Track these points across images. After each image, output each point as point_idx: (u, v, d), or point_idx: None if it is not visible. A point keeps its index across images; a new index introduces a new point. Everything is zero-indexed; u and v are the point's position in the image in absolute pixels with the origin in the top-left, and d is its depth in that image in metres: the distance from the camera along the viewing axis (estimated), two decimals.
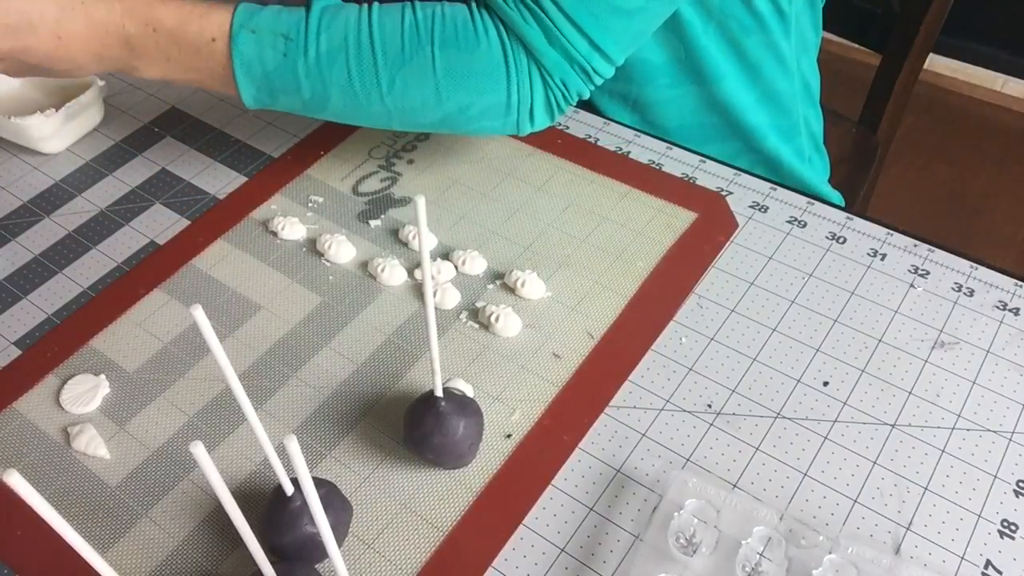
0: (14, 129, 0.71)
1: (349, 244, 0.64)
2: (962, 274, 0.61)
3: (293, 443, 0.32)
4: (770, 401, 0.54)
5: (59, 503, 0.51)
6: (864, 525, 0.48)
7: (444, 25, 0.57)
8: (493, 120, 0.60)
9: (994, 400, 0.53)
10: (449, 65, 0.57)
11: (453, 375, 0.56)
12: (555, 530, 0.49)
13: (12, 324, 0.61)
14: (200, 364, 0.57)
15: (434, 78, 0.58)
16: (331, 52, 0.57)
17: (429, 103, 0.59)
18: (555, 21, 0.56)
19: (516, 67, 0.58)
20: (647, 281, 0.61)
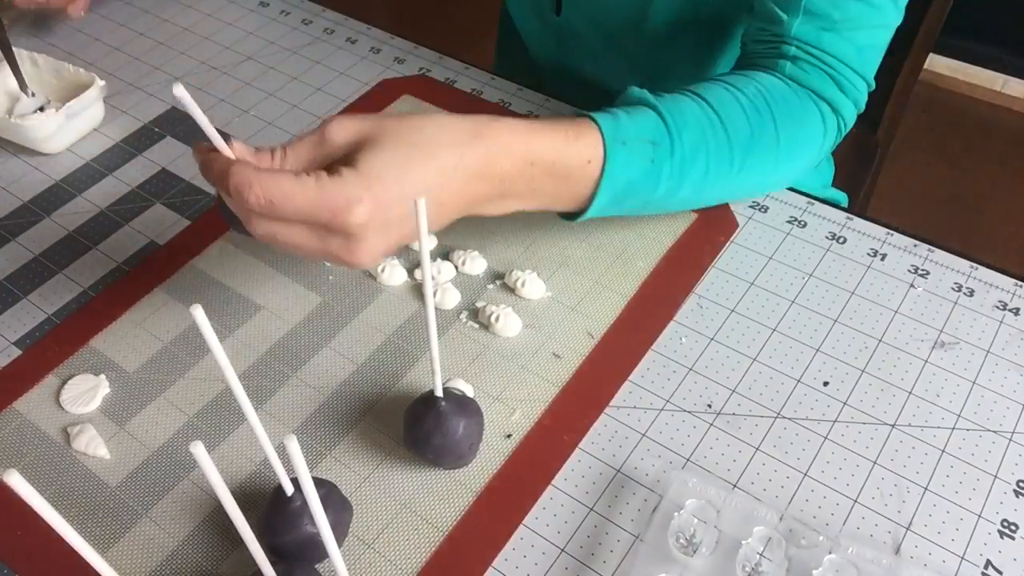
0: (14, 129, 0.71)
1: None
2: (962, 274, 0.61)
3: (293, 443, 0.32)
4: (770, 401, 0.54)
5: (59, 503, 0.51)
6: (864, 525, 0.48)
7: (777, 101, 0.60)
8: (800, 174, 0.65)
9: (994, 400, 0.53)
10: (789, 137, 0.61)
11: (453, 375, 0.56)
12: (555, 530, 0.49)
13: (12, 324, 0.61)
14: (200, 364, 0.57)
15: (776, 151, 0.61)
16: (694, 148, 0.57)
17: (766, 174, 0.62)
18: (845, 76, 0.62)
19: (827, 126, 0.63)
20: (647, 281, 0.61)
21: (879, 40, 0.63)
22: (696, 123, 0.57)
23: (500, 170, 0.51)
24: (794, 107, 0.61)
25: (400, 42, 0.84)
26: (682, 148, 0.56)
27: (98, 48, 0.86)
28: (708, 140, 0.57)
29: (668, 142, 0.56)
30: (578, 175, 0.54)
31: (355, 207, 0.44)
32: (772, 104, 0.60)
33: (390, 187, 0.45)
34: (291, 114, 0.77)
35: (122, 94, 0.80)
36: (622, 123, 0.55)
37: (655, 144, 0.56)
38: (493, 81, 0.79)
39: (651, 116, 0.57)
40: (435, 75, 0.80)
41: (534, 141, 0.52)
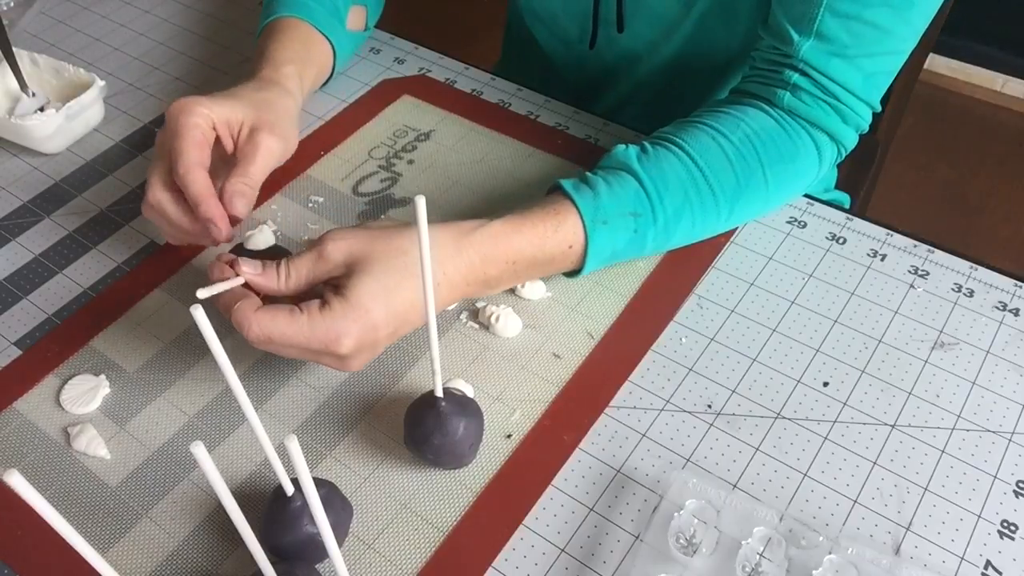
0: (14, 129, 0.71)
1: None
2: (962, 274, 0.61)
3: (293, 443, 0.32)
4: (770, 401, 0.54)
5: (59, 503, 0.51)
6: (864, 525, 0.48)
7: (764, 144, 0.60)
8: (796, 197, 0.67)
9: (994, 400, 0.53)
10: (778, 178, 0.61)
11: (453, 375, 0.56)
12: (555, 530, 0.49)
13: (12, 324, 0.61)
14: (200, 364, 0.57)
15: (765, 192, 0.61)
16: (677, 211, 0.58)
17: (756, 210, 0.63)
18: (849, 104, 0.61)
19: (822, 156, 0.63)
20: (647, 281, 0.61)
21: (890, 66, 0.62)
22: (679, 185, 0.58)
23: (484, 275, 0.55)
24: (783, 146, 0.61)
25: (400, 42, 0.84)
26: (665, 213, 0.58)
27: (98, 48, 0.86)
28: (691, 200, 0.58)
29: (650, 210, 0.58)
30: (561, 258, 0.57)
31: (343, 339, 0.48)
32: (759, 147, 0.60)
33: (376, 313, 0.49)
34: None
35: (122, 94, 0.80)
36: (602, 201, 0.57)
37: (636, 216, 0.57)
38: (493, 81, 0.79)
39: (631, 186, 0.58)
40: (435, 75, 0.80)
41: (514, 242, 0.55)
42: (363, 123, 0.75)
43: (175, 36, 0.87)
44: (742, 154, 0.59)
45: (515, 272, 0.56)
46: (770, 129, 0.61)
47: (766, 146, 0.60)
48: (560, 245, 0.56)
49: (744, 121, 0.61)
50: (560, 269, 0.59)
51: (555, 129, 0.73)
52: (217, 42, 0.86)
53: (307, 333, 0.48)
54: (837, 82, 0.60)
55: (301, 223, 0.67)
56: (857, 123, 0.63)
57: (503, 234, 0.55)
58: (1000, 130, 2.01)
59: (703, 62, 0.76)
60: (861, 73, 0.60)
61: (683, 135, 0.60)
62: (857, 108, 0.61)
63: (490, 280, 0.56)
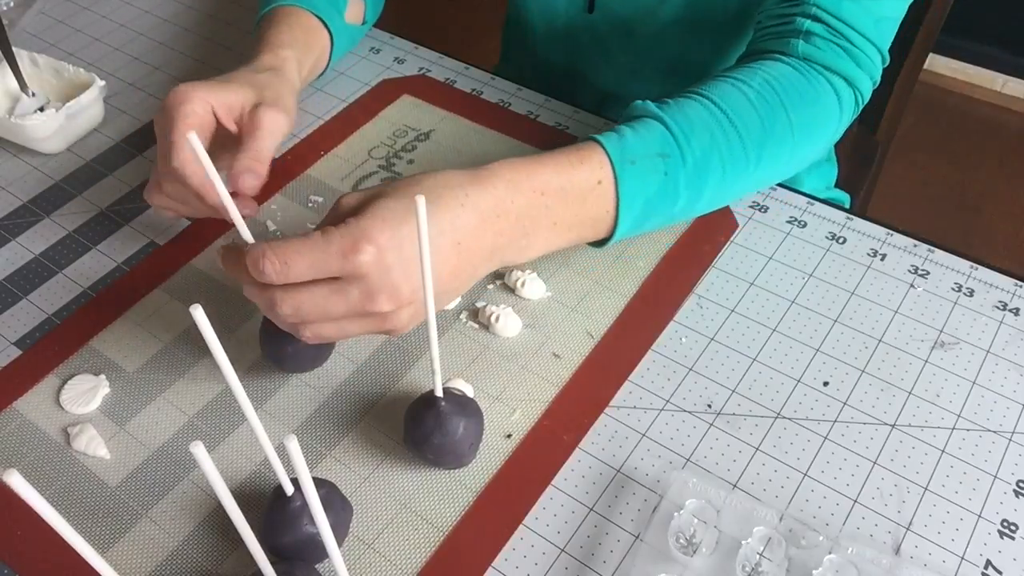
0: (14, 129, 0.71)
1: None
2: (962, 274, 0.61)
3: (293, 443, 0.32)
4: (770, 401, 0.54)
5: (59, 503, 0.51)
6: (864, 525, 0.48)
7: (785, 87, 0.60)
8: (819, 153, 0.65)
9: (994, 400, 0.53)
10: (802, 121, 0.60)
11: (453, 375, 0.56)
12: (555, 530, 0.49)
13: (12, 324, 0.61)
14: (200, 364, 0.57)
15: (792, 138, 0.60)
16: (705, 153, 0.56)
17: (783, 162, 0.61)
18: (862, 48, 0.61)
19: (842, 101, 0.62)
20: (647, 281, 0.61)
21: (896, 11, 0.63)
22: (704, 126, 0.57)
23: (513, 206, 0.51)
24: (804, 89, 0.60)
25: (400, 42, 0.84)
26: (693, 155, 0.56)
27: (98, 48, 0.86)
28: (719, 141, 0.57)
29: (678, 151, 0.56)
30: (593, 198, 0.54)
31: (361, 245, 0.44)
32: (780, 91, 0.59)
33: (398, 226, 0.46)
34: None
35: (122, 94, 0.80)
36: (627, 142, 0.55)
37: (665, 157, 0.55)
38: (493, 81, 0.79)
39: (656, 128, 0.56)
40: (435, 75, 0.80)
41: (538, 172, 0.52)
42: (363, 123, 0.75)
43: (175, 36, 0.87)
44: (764, 97, 0.58)
45: (547, 207, 0.52)
46: (788, 74, 0.61)
47: (786, 90, 0.59)
48: (588, 180, 0.53)
49: (762, 68, 0.61)
50: (593, 218, 0.55)
51: (555, 129, 0.73)
52: (217, 42, 0.86)
53: (322, 245, 0.44)
54: (849, 24, 0.60)
55: (301, 223, 0.67)
56: (870, 70, 0.63)
57: (524, 163, 0.52)
58: (1000, 130, 2.01)
59: (703, 25, 0.76)
60: (871, 16, 0.61)
61: (702, 86, 0.59)
62: (869, 53, 0.62)
63: (522, 214, 0.51)
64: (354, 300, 0.46)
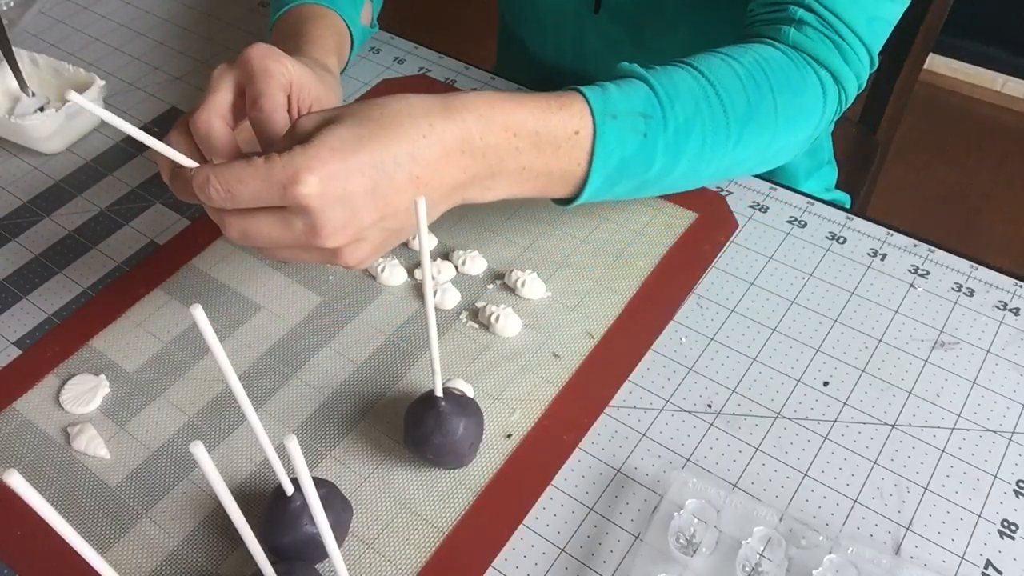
0: (14, 129, 0.71)
1: None
2: (962, 274, 0.61)
3: (293, 443, 0.32)
4: (770, 401, 0.54)
5: (59, 503, 0.51)
6: (864, 525, 0.48)
7: (774, 70, 0.58)
8: (797, 149, 0.63)
9: (994, 400, 0.53)
10: (787, 108, 0.59)
11: (453, 375, 0.56)
12: (555, 530, 0.49)
13: (12, 324, 0.61)
14: (200, 364, 0.57)
15: (775, 123, 0.59)
16: (688, 120, 0.55)
17: (762, 148, 0.60)
18: (851, 44, 0.60)
19: (827, 96, 0.61)
20: (647, 281, 0.61)
21: (889, 15, 0.62)
22: (690, 94, 0.55)
23: (481, 143, 0.48)
24: (792, 77, 0.59)
25: (400, 42, 0.84)
26: (675, 120, 0.54)
27: (98, 48, 0.86)
28: (703, 111, 0.55)
29: (660, 114, 0.54)
30: (567, 147, 0.51)
31: (303, 176, 0.42)
32: (770, 74, 0.58)
33: (346, 157, 0.43)
34: None
35: (122, 94, 0.80)
36: (611, 96, 0.53)
37: (647, 117, 0.53)
38: (493, 81, 0.79)
39: (641, 88, 0.54)
40: (435, 75, 0.80)
41: (514, 110, 0.50)
42: None
43: (175, 36, 0.87)
44: (753, 76, 0.57)
45: (517, 150, 0.49)
46: (779, 59, 0.60)
47: (776, 73, 0.58)
48: (564, 128, 0.51)
49: (753, 51, 0.59)
50: (563, 170, 0.52)
51: None
52: (217, 42, 0.86)
53: (263, 174, 0.42)
54: (842, 19, 0.60)
55: None
56: (858, 68, 0.62)
57: (501, 100, 0.49)
58: (1000, 130, 2.01)
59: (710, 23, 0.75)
60: (864, 13, 0.60)
61: (690, 59, 0.58)
62: (858, 51, 0.61)
63: (488, 152, 0.48)
64: (299, 232, 0.44)
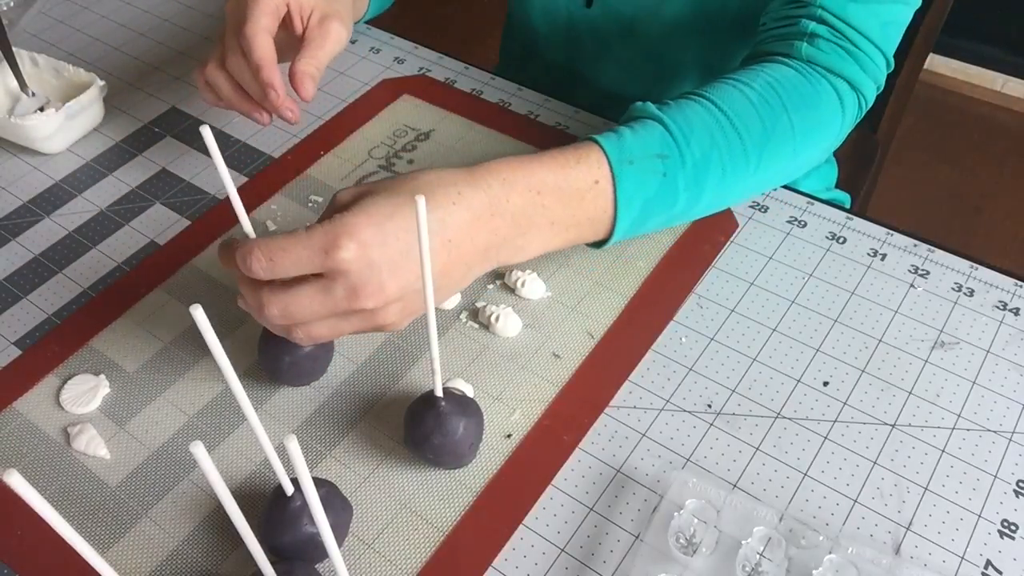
0: (14, 129, 0.71)
1: None
2: (962, 274, 0.61)
3: (293, 443, 0.32)
4: (770, 401, 0.54)
5: (59, 503, 0.51)
6: (864, 525, 0.48)
7: (787, 90, 0.60)
8: (822, 157, 0.65)
9: (994, 400, 0.53)
10: (803, 124, 0.60)
11: (453, 375, 0.56)
12: (555, 530, 0.49)
13: (12, 324, 0.61)
14: (200, 364, 0.57)
15: (792, 141, 0.60)
16: (705, 154, 0.56)
17: (784, 164, 0.61)
18: (866, 51, 0.62)
19: (845, 105, 0.62)
20: (647, 281, 0.61)
21: (901, 17, 0.63)
22: (703, 127, 0.57)
23: (508, 205, 0.50)
24: (806, 92, 0.60)
25: (400, 42, 0.84)
26: (693, 156, 0.56)
27: (98, 48, 0.86)
28: (719, 142, 0.57)
29: (677, 152, 0.56)
30: (590, 197, 0.53)
31: (342, 241, 0.44)
32: (783, 93, 0.59)
33: (382, 223, 0.45)
34: None
35: (122, 94, 0.80)
36: (626, 142, 0.55)
37: (664, 158, 0.55)
38: (493, 81, 0.79)
39: (656, 129, 0.56)
40: (435, 75, 0.80)
41: (535, 171, 0.52)
42: (363, 123, 0.75)
43: (175, 36, 0.87)
44: (766, 99, 0.58)
45: (543, 207, 0.52)
46: (791, 77, 0.60)
47: (789, 92, 0.59)
48: (585, 179, 0.53)
49: (764, 71, 0.60)
50: (590, 218, 0.54)
51: (555, 129, 0.73)
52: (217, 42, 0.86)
53: (305, 241, 0.44)
54: (855, 28, 0.60)
55: (301, 223, 0.67)
56: (874, 74, 0.63)
57: (520, 161, 0.52)
58: (1000, 130, 2.01)
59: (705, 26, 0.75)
60: (877, 20, 0.61)
61: (703, 88, 0.59)
62: (874, 57, 0.62)
63: (517, 213, 0.51)
64: (339, 298, 0.45)
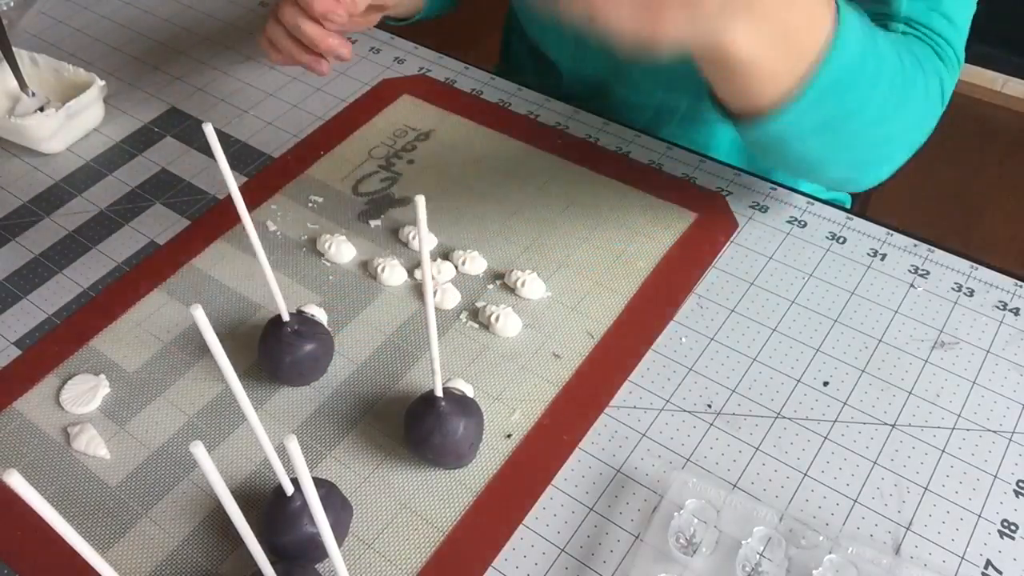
0: (14, 129, 0.71)
1: (349, 244, 0.64)
2: (962, 274, 0.61)
3: (293, 443, 0.32)
4: (770, 401, 0.54)
5: (59, 503, 0.51)
6: (864, 525, 0.48)
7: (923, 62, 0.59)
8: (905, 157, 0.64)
9: (994, 400, 0.53)
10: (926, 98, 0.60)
11: (453, 375, 0.56)
12: (555, 530, 0.49)
13: (12, 324, 0.61)
14: (200, 364, 0.57)
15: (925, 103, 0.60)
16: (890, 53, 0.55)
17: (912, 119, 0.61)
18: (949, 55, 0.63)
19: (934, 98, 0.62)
20: (647, 281, 0.61)
21: (967, 19, 0.64)
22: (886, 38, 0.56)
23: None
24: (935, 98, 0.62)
25: (400, 42, 0.84)
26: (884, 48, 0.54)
27: (98, 48, 0.86)
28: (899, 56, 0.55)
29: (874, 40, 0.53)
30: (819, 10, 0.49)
31: None
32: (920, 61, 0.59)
33: None
34: (291, 114, 0.77)
35: (122, 94, 0.80)
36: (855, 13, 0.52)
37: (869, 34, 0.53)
38: (493, 81, 0.79)
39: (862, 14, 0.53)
40: (435, 75, 0.80)
41: None
42: (363, 123, 0.75)
43: (175, 36, 0.87)
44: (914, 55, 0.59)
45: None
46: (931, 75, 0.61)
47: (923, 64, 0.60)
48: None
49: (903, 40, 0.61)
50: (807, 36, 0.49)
51: (555, 128, 0.73)
52: (217, 42, 0.86)
53: None
54: (938, 33, 0.62)
55: (301, 223, 0.67)
56: (955, 73, 0.64)
57: None
58: (1000, 130, 2.01)
59: None
60: (954, 25, 0.62)
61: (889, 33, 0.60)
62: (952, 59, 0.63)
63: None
64: None
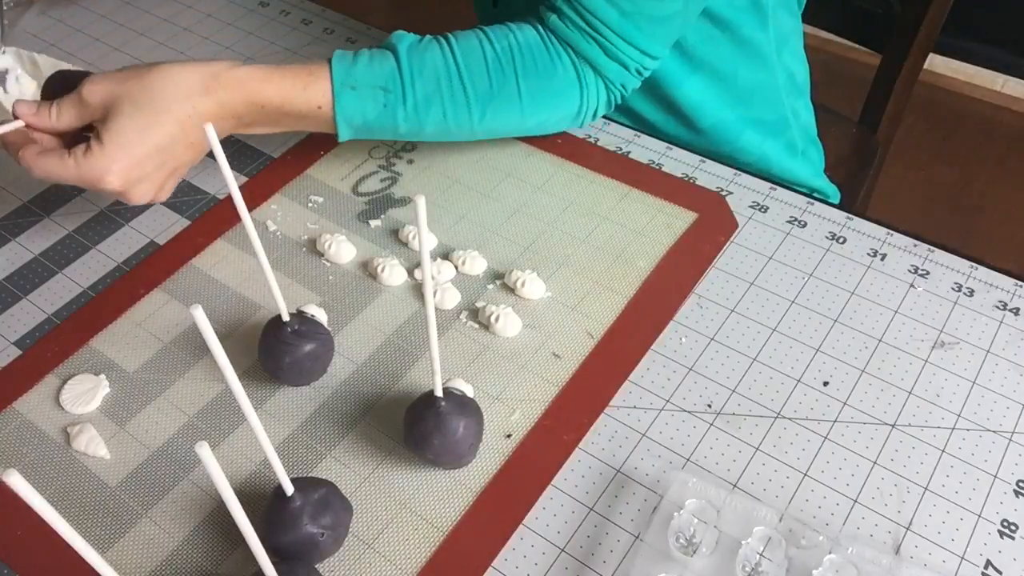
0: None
1: (349, 244, 0.64)
2: (962, 274, 0.61)
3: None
4: (770, 401, 0.54)
5: (59, 503, 0.51)
6: (864, 525, 0.48)
7: (523, 56, 0.64)
8: (563, 124, 0.69)
9: (994, 400, 0.53)
10: (532, 91, 0.64)
11: (453, 375, 0.56)
12: (555, 530, 0.49)
13: (12, 324, 0.61)
14: (200, 364, 0.57)
15: (519, 104, 0.64)
16: (427, 97, 0.62)
17: (514, 124, 0.66)
18: (609, 39, 0.63)
19: (585, 81, 0.65)
20: (647, 281, 0.61)
21: (655, 11, 0.63)
22: (433, 75, 0.62)
23: (236, 110, 0.60)
24: (541, 62, 0.63)
25: None
26: (414, 97, 0.62)
27: (98, 48, 0.86)
28: (443, 91, 0.62)
29: (400, 91, 0.62)
30: (313, 116, 0.62)
31: (107, 177, 0.56)
32: (517, 59, 0.63)
33: (133, 150, 0.57)
34: None
35: None
36: (358, 69, 0.61)
37: (386, 91, 0.62)
38: None
39: (389, 64, 0.62)
40: None
41: (264, 89, 0.60)
42: None
43: (175, 36, 0.87)
44: (500, 62, 0.63)
45: (267, 117, 0.61)
46: (533, 44, 0.64)
47: (524, 58, 0.63)
48: (308, 104, 0.61)
49: (513, 33, 0.64)
50: (316, 127, 0.64)
51: None
52: (217, 42, 0.86)
53: (75, 173, 0.56)
54: (592, 13, 0.62)
55: (301, 223, 0.67)
56: (622, 59, 0.64)
57: (251, 79, 0.60)
58: (1000, 130, 2.01)
59: None
60: (616, 9, 0.62)
61: (457, 34, 0.64)
62: (617, 44, 0.63)
63: (243, 116, 0.61)
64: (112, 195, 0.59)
